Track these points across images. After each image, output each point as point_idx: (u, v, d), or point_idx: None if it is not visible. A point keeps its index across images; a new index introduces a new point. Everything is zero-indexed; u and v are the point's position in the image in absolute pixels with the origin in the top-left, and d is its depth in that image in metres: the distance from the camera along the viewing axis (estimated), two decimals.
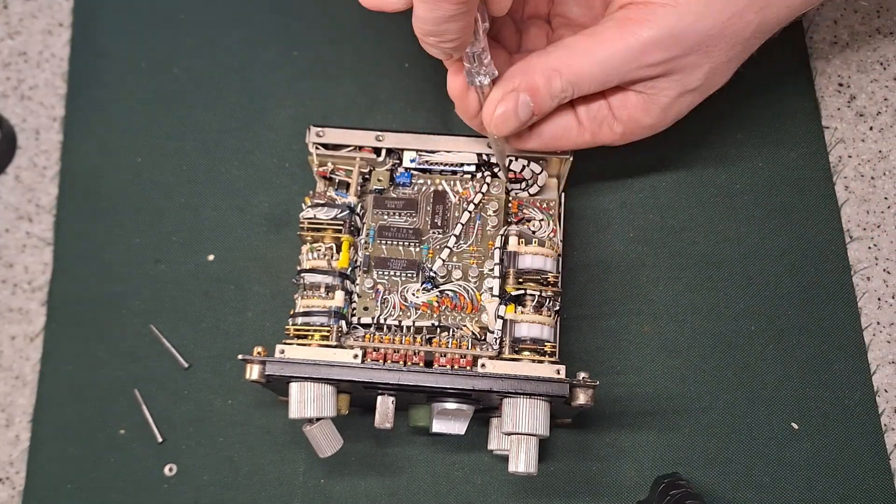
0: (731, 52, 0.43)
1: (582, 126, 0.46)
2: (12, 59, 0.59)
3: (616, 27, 0.42)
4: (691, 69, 0.43)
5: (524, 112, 0.43)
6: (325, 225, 0.46)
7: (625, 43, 0.41)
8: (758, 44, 0.44)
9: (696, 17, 0.41)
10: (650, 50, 0.41)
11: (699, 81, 0.44)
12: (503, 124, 0.43)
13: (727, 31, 0.42)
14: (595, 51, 0.42)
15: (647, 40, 0.41)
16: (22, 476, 0.51)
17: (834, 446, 0.49)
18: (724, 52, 0.43)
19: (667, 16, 0.41)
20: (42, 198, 0.56)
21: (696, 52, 0.42)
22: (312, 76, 0.58)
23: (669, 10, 0.41)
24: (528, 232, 0.47)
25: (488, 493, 0.49)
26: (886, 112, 0.56)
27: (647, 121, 0.46)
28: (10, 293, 0.54)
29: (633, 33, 0.41)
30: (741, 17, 0.42)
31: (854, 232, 0.53)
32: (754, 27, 0.42)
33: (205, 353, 0.52)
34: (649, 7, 0.41)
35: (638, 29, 0.41)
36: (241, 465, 0.50)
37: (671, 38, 0.41)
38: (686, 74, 0.43)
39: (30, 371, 0.53)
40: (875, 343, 0.51)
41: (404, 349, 0.44)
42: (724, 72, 0.44)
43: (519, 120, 0.43)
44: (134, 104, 0.58)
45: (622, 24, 0.42)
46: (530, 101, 0.42)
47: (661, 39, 0.41)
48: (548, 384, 0.42)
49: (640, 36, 0.41)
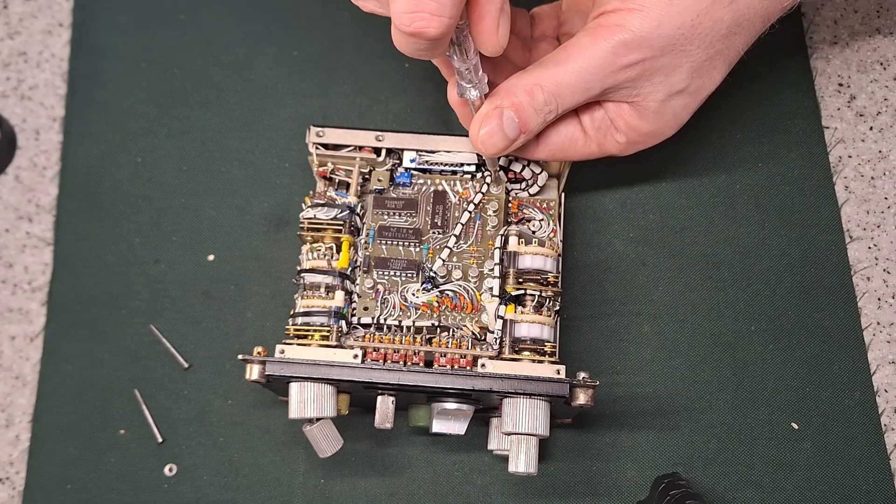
0: (710, 49, 0.44)
1: (588, 136, 0.47)
2: (12, 59, 0.59)
3: (588, 36, 0.43)
4: (670, 70, 0.44)
5: (511, 129, 0.43)
6: (325, 225, 0.46)
7: (598, 49, 0.43)
8: (743, 41, 0.45)
9: (662, 19, 0.42)
10: (621, 53, 0.43)
11: (684, 82, 0.44)
12: (489, 141, 0.44)
13: (698, 30, 0.43)
14: (571, 60, 0.43)
15: (618, 44, 0.42)
16: (22, 476, 0.51)
17: (834, 446, 0.49)
18: (702, 50, 0.44)
19: (634, 20, 0.42)
20: (42, 198, 0.56)
21: (669, 53, 0.43)
22: (312, 76, 0.58)
23: (636, 14, 0.42)
24: (528, 232, 0.48)
25: (488, 493, 0.49)
26: (886, 112, 0.56)
27: (645, 127, 0.46)
28: (10, 293, 0.54)
29: (605, 38, 0.43)
30: (709, 15, 0.43)
31: (854, 232, 0.53)
32: (727, 24, 0.43)
33: (205, 353, 0.52)
34: (619, 14, 0.43)
35: (608, 34, 0.43)
36: (241, 465, 0.50)
37: (640, 39, 0.42)
38: (667, 76, 0.44)
39: (30, 371, 0.53)
40: (875, 343, 0.51)
41: (404, 349, 0.44)
42: (709, 71, 0.45)
43: (507, 138, 0.44)
44: (134, 104, 0.58)
45: (594, 32, 0.43)
46: (515, 117, 0.43)
47: (630, 42, 0.42)
48: (548, 384, 0.42)
49: (612, 41, 0.43)
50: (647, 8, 0.42)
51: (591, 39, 0.43)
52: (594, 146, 0.47)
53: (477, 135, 0.44)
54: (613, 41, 0.42)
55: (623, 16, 0.42)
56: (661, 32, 0.42)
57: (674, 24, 0.42)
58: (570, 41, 0.44)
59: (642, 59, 0.43)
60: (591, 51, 0.43)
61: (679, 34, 0.43)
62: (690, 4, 0.42)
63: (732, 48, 0.45)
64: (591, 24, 0.44)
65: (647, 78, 0.44)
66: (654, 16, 0.42)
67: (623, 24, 0.42)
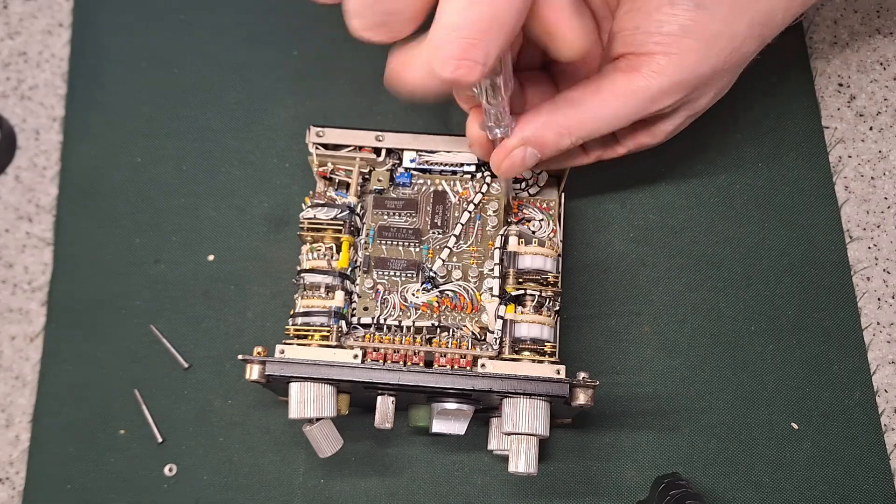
0: (734, 75, 0.45)
1: (588, 154, 0.48)
2: (12, 59, 0.59)
3: (625, 80, 0.42)
4: (697, 99, 0.45)
5: (531, 161, 0.44)
6: (325, 225, 0.46)
7: (635, 98, 0.42)
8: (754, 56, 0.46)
9: (699, 62, 0.42)
10: (658, 99, 0.42)
11: (704, 106, 0.46)
12: (510, 172, 0.44)
13: (728, 65, 0.43)
14: (605, 108, 0.42)
15: (656, 92, 0.42)
16: (22, 476, 0.51)
17: (834, 446, 0.49)
18: (728, 79, 0.45)
19: (670, 65, 0.41)
20: (42, 198, 0.56)
21: (701, 87, 0.43)
22: (312, 76, 0.58)
23: (673, 58, 0.41)
24: (528, 232, 0.47)
25: (488, 493, 0.49)
26: (886, 112, 0.56)
27: (652, 143, 0.47)
28: (10, 293, 0.54)
29: (642, 86, 0.42)
30: (740, 51, 0.43)
31: (854, 232, 0.53)
32: (753, 52, 0.44)
33: (205, 353, 0.52)
34: (652, 58, 0.41)
35: (644, 82, 0.42)
36: (241, 465, 0.50)
37: (678, 84, 0.42)
38: (693, 104, 0.45)
39: (30, 371, 0.53)
40: (875, 343, 0.51)
41: (404, 349, 0.44)
42: (725, 89, 0.46)
43: (525, 166, 0.44)
44: (134, 104, 0.58)
45: (631, 78, 0.42)
46: (538, 153, 0.43)
47: (668, 88, 0.42)
48: (548, 384, 0.42)
49: (650, 89, 0.42)
50: (685, 52, 0.41)
51: (627, 84, 0.42)
52: (592, 157, 0.48)
53: (500, 165, 0.44)
54: (651, 90, 0.42)
55: (656, 60, 0.41)
56: (697, 74, 0.42)
57: (710, 64, 0.42)
58: (601, 84, 0.43)
59: (678, 100, 0.43)
60: (626, 101, 0.42)
61: (713, 72, 0.43)
62: (726, 44, 0.42)
63: (746, 64, 0.45)
64: (622, 64, 0.42)
65: (674, 111, 0.44)
66: (693, 59, 0.42)
67: (660, 70, 0.41)
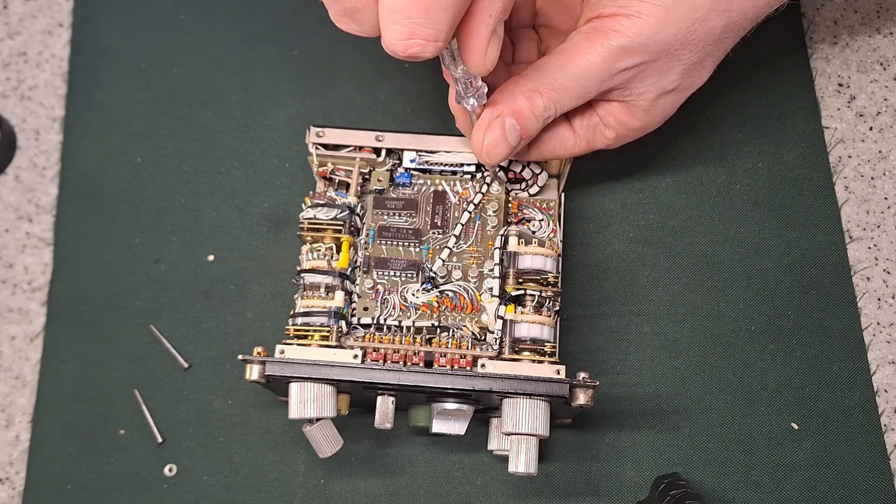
0: (702, 52, 0.45)
1: (577, 135, 0.47)
2: (12, 59, 0.59)
3: (585, 41, 0.44)
4: (663, 72, 0.45)
5: (513, 136, 0.44)
6: (325, 225, 0.46)
7: (596, 54, 0.43)
8: (732, 42, 0.46)
9: (659, 26, 0.43)
10: (619, 58, 0.43)
11: (675, 83, 0.46)
12: (493, 151, 0.44)
13: (692, 37, 0.44)
14: (569, 65, 0.44)
15: (616, 49, 0.43)
16: (22, 476, 0.51)
17: (834, 446, 0.49)
18: (694, 53, 0.45)
19: (632, 26, 0.43)
20: (42, 198, 0.56)
21: (664, 57, 0.44)
22: (312, 76, 0.58)
23: (634, 20, 0.43)
24: (528, 232, 0.48)
25: (488, 493, 0.49)
26: (886, 112, 0.56)
27: (635, 123, 0.47)
28: (10, 293, 0.54)
29: (602, 43, 0.43)
30: (704, 22, 0.44)
31: (854, 232, 0.53)
32: (720, 30, 0.44)
33: (205, 353, 0.52)
34: (615, 19, 0.43)
35: (606, 39, 0.43)
36: (241, 466, 0.50)
37: (638, 45, 0.43)
38: (660, 77, 0.45)
39: (30, 371, 0.53)
40: (875, 343, 0.51)
41: (404, 349, 0.44)
42: (698, 71, 0.46)
43: (509, 145, 0.44)
44: (134, 104, 0.58)
45: (591, 37, 0.44)
46: (516, 125, 0.44)
47: (628, 47, 0.43)
48: (548, 384, 0.42)
49: (609, 46, 0.43)
50: (644, 14, 0.43)
51: (589, 44, 0.43)
52: (583, 143, 0.48)
53: (481, 144, 0.44)
54: (611, 47, 0.43)
55: (620, 21, 0.43)
56: (658, 39, 0.43)
57: (670, 31, 0.43)
58: (567, 46, 0.44)
59: (639, 63, 0.44)
60: (588, 56, 0.43)
61: (675, 40, 0.43)
62: (687, 13, 0.43)
63: (722, 49, 0.46)
64: (587, 27, 0.44)
65: (640, 80, 0.45)
66: (652, 23, 0.43)
67: (620, 29, 0.43)
